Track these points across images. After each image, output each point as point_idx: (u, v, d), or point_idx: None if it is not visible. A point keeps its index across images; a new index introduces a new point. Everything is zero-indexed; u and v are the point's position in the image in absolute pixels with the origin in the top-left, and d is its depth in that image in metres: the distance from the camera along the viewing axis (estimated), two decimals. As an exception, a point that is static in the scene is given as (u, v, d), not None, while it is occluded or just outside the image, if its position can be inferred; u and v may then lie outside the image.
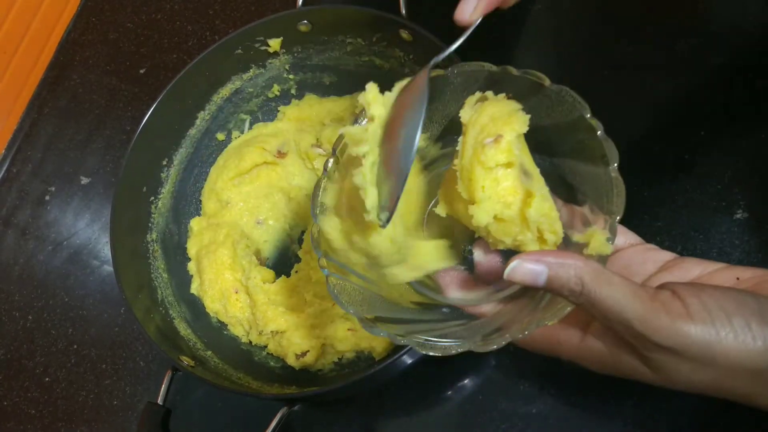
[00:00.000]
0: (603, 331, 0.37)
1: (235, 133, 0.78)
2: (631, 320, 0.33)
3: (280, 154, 0.74)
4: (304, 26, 0.67)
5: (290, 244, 0.74)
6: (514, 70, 0.41)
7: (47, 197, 0.88)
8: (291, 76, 0.75)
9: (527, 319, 0.37)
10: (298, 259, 0.73)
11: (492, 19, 0.48)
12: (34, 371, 0.78)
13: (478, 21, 0.46)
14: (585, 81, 0.71)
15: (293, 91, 0.77)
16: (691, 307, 0.33)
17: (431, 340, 0.39)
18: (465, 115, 0.40)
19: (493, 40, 0.75)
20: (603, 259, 0.37)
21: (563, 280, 0.33)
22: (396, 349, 0.63)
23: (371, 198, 0.38)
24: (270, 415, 0.56)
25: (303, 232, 0.75)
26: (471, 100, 0.41)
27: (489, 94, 0.41)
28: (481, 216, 0.38)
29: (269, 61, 0.72)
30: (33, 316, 0.81)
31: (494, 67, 0.41)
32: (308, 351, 0.65)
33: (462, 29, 0.47)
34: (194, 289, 0.71)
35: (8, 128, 0.93)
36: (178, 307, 0.69)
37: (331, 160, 0.44)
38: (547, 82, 0.40)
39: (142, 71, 0.91)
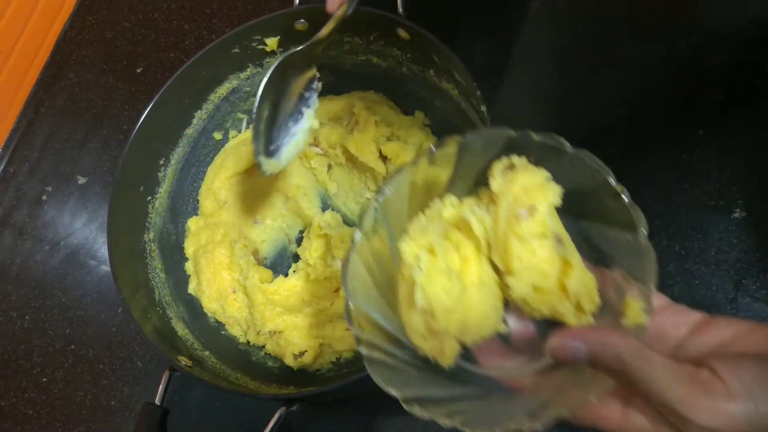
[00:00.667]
0: (645, 406, 0.37)
1: (232, 133, 0.78)
2: (672, 402, 0.33)
3: None
4: (301, 25, 0.67)
5: (288, 243, 0.74)
6: (534, 135, 0.40)
7: (44, 197, 0.87)
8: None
9: (572, 394, 0.37)
10: (296, 259, 0.73)
11: (491, 19, 0.48)
12: (32, 371, 0.78)
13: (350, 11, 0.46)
14: (584, 80, 0.72)
15: None
16: (731, 385, 0.33)
17: (477, 419, 0.38)
18: (495, 184, 0.40)
19: (493, 40, 0.75)
20: (640, 329, 0.37)
21: (602, 359, 0.34)
22: None
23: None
24: (268, 415, 0.56)
25: (301, 232, 0.75)
26: (498, 166, 0.41)
27: (516, 160, 0.40)
28: (519, 286, 0.38)
29: (266, 60, 0.72)
30: (30, 316, 0.81)
31: (514, 133, 0.40)
32: (306, 351, 0.65)
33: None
34: (192, 289, 0.71)
35: (5, 128, 0.92)
36: (175, 307, 0.69)
37: (358, 233, 0.42)
38: (567, 147, 0.39)
39: (139, 70, 0.90)
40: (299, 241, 0.74)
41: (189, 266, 0.72)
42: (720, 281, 0.61)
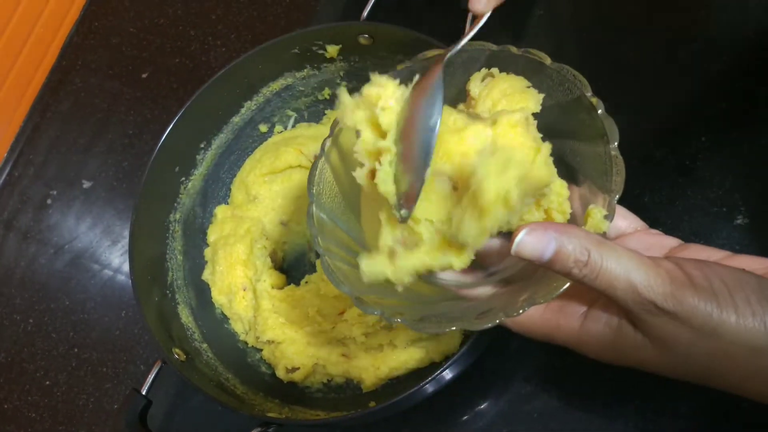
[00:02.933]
0: (605, 310, 0.37)
1: (278, 128, 0.77)
2: (636, 285, 0.33)
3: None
4: (364, 39, 0.67)
5: (308, 251, 0.74)
6: (515, 49, 0.41)
7: (49, 201, 0.88)
8: (344, 83, 0.74)
9: (522, 298, 0.37)
10: (312, 268, 0.73)
11: (493, 22, 0.48)
12: (35, 374, 0.78)
13: (490, 12, 0.45)
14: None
15: None
16: (694, 278, 0.34)
17: (426, 317, 0.39)
18: (474, 88, 0.40)
19: (497, 44, 0.75)
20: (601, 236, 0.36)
21: (569, 251, 0.33)
22: (386, 389, 0.63)
23: (391, 196, 0.38)
24: (249, 427, 0.57)
25: None
26: (477, 76, 0.41)
27: (495, 71, 0.41)
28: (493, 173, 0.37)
29: (324, 65, 0.72)
30: (34, 319, 0.81)
31: (495, 47, 0.41)
32: (299, 368, 0.65)
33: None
34: (206, 275, 0.71)
35: (11, 132, 0.93)
36: (185, 292, 0.69)
37: (329, 141, 0.44)
38: (548, 60, 0.40)
39: (144, 75, 0.91)
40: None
41: (208, 252, 0.73)
42: (722, 287, 0.61)
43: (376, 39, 0.67)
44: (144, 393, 0.59)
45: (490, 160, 0.35)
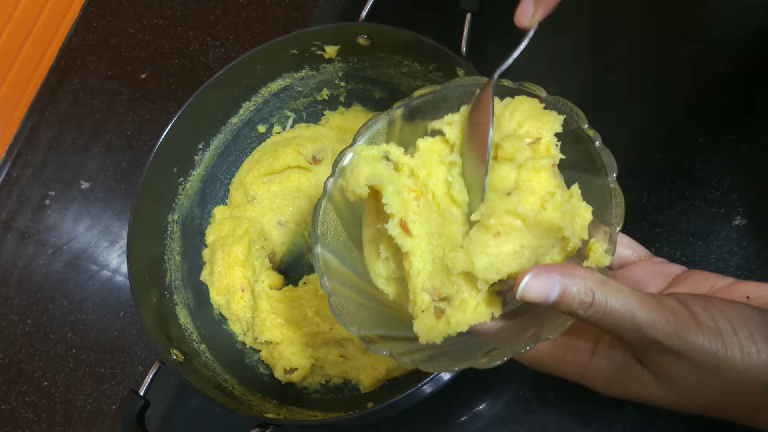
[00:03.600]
0: (612, 347, 0.37)
1: (276, 128, 0.78)
2: (641, 324, 0.33)
3: (315, 161, 0.74)
4: (363, 40, 0.67)
5: (306, 251, 0.74)
6: (510, 83, 0.41)
7: (47, 201, 0.88)
8: (342, 84, 0.74)
9: (528, 335, 0.37)
10: (310, 269, 0.73)
11: (494, 24, 0.48)
12: (33, 375, 0.78)
13: (536, 26, 0.46)
14: (585, 88, 0.72)
15: (342, 99, 0.76)
16: (698, 317, 0.34)
17: (434, 356, 0.39)
18: (497, 108, 0.40)
19: (495, 46, 0.75)
20: (603, 271, 0.37)
21: (573, 293, 0.33)
22: (384, 390, 0.64)
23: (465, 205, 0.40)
24: (247, 428, 0.57)
25: None
26: (466, 108, 0.42)
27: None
28: (522, 210, 0.38)
29: (323, 65, 0.72)
30: (32, 320, 0.81)
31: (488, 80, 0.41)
32: (297, 369, 0.65)
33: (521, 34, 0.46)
34: (204, 276, 0.71)
35: (9, 132, 0.93)
36: (183, 293, 0.69)
37: (331, 180, 0.44)
38: (543, 93, 0.40)
39: (143, 76, 0.91)
40: (317, 253, 0.74)
41: (206, 253, 0.73)
42: (721, 288, 0.61)
43: (374, 40, 0.67)
44: (142, 394, 0.59)
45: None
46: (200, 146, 0.73)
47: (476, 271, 0.37)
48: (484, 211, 0.37)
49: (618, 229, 0.37)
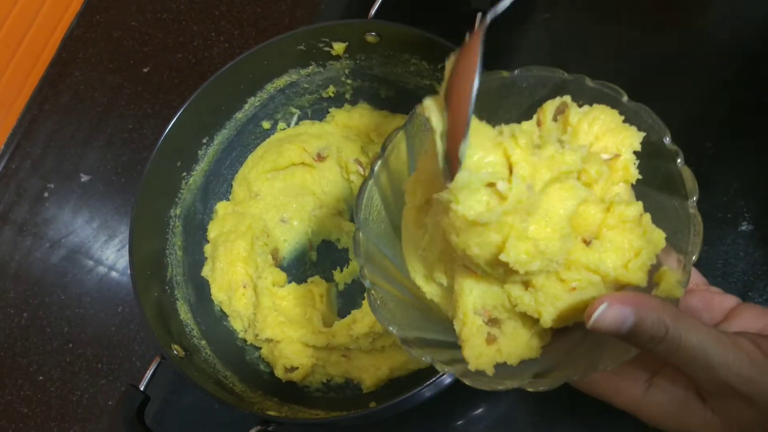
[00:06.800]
0: (673, 381, 0.36)
1: (281, 125, 0.77)
2: (714, 365, 0.32)
3: (320, 158, 0.74)
4: (371, 37, 0.67)
5: (309, 249, 0.74)
6: (590, 81, 0.37)
7: (46, 194, 0.87)
8: (349, 81, 0.74)
9: (584, 360, 0.35)
10: (312, 267, 0.72)
11: (496, 25, 0.48)
12: (28, 369, 0.77)
13: None
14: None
15: (348, 96, 0.76)
16: None
17: (479, 372, 0.36)
18: (573, 117, 0.36)
19: (497, 47, 0.75)
20: (674, 302, 0.34)
21: (647, 326, 0.31)
22: (387, 389, 0.63)
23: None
24: (247, 426, 0.56)
25: (323, 241, 0.74)
26: (551, 103, 0.37)
27: (569, 101, 0.37)
28: (604, 262, 0.35)
29: (330, 62, 0.71)
30: (28, 313, 0.80)
31: (568, 75, 0.38)
32: (298, 368, 0.64)
33: None
34: (206, 272, 0.71)
35: (8, 124, 0.92)
36: (184, 288, 0.69)
37: (379, 162, 0.40)
38: (624, 97, 0.37)
39: (145, 70, 0.90)
40: (320, 251, 0.73)
41: (208, 249, 0.72)
42: (726, 294, 0.61)
43: (383, 37, 0.66)
44: (142, 389, 0.58)
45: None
46: (204, 141, 0.72)
47: (543, 322, 0.34)
48: (561, 260, 0.33)
49: (694, 258, 0.34)
